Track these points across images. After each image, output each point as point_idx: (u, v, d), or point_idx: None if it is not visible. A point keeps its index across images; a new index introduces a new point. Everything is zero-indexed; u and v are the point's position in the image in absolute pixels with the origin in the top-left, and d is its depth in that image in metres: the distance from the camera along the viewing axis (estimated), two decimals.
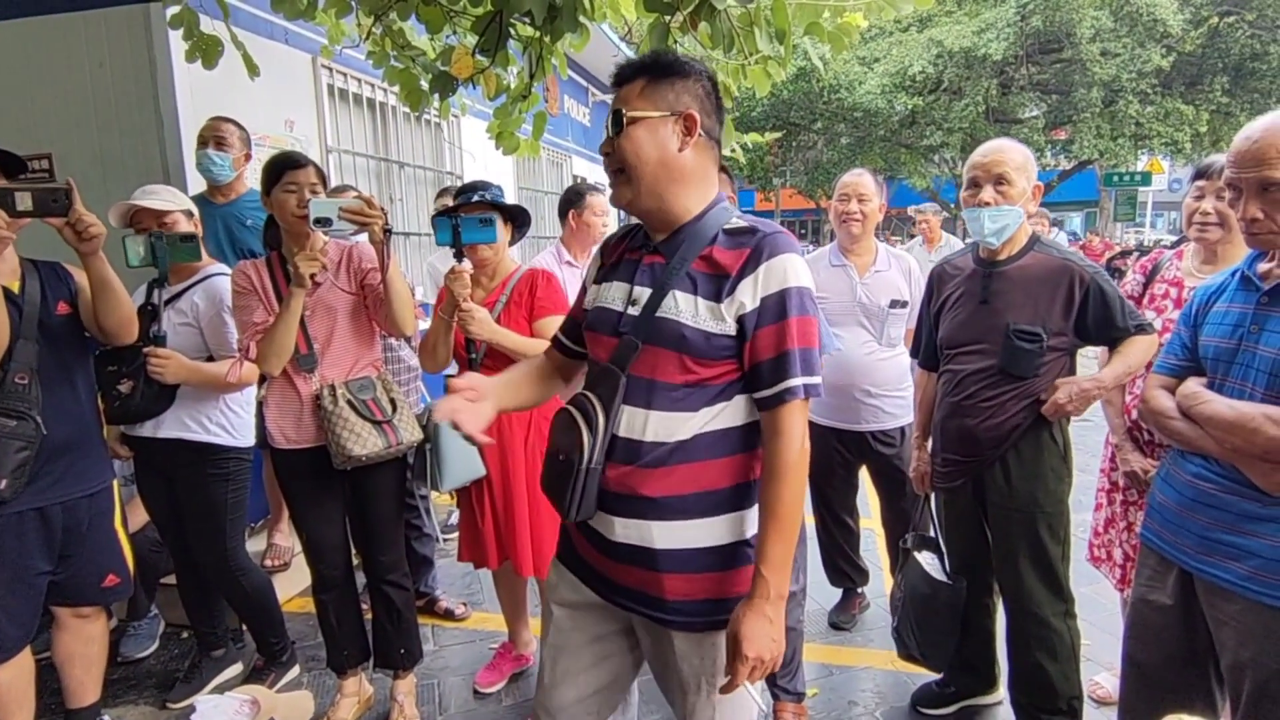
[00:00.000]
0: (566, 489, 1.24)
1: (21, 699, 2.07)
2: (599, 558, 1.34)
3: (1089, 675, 2.37)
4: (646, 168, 1.25)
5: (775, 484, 1.23)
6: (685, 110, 1.26)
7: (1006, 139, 2.10)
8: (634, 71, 1.29)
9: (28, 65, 3.19)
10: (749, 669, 1.20)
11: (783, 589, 1.23)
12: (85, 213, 1.82)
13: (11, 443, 1.87)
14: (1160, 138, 14.70)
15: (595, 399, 1.25)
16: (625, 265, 1.35)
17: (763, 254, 1.22)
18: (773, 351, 1.21)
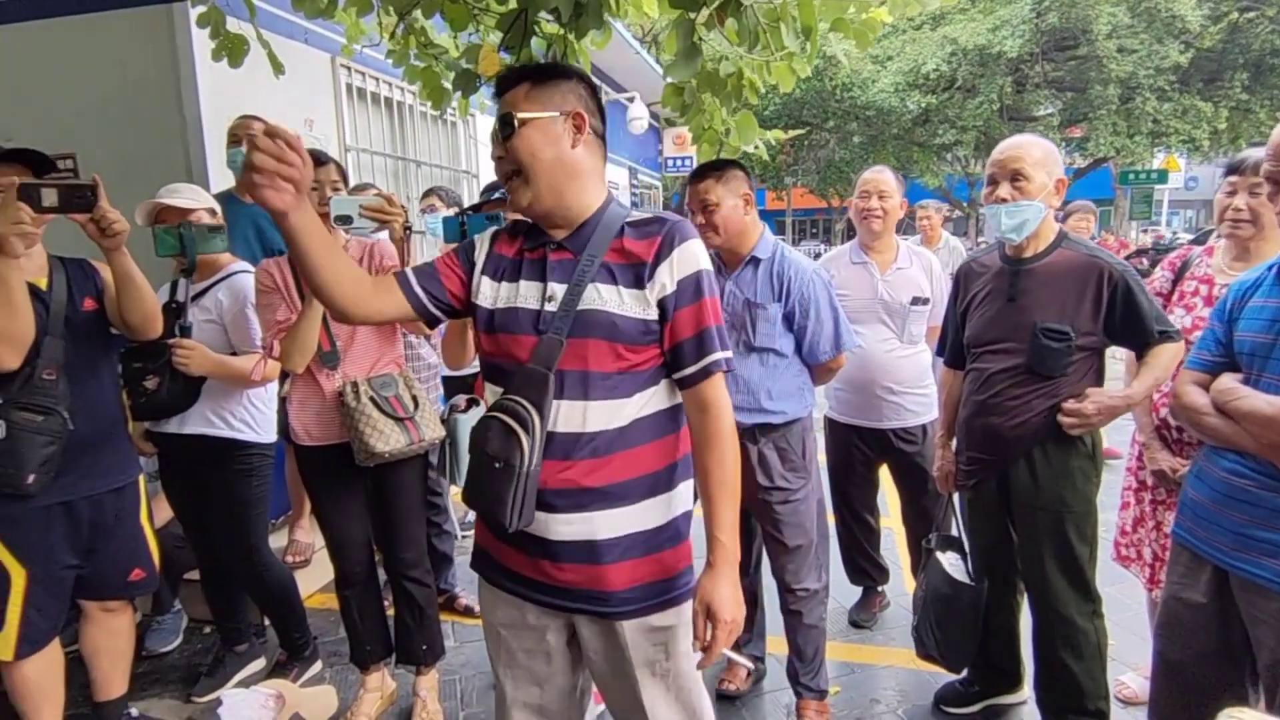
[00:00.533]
0: (507, 497, 1.22)
1: (51, 691, 2.09)
2: (536, 563, 1.33)
3: (1115, 675, 2.35)
4: (543, 166, 1.27)
5: (714, 452, 1.29)
6: (573, 109, 1.29)
7: (1028, 135, 2.08)
8: (516, 77, 1.31)
9: (52, 65, 3.23)
10: (727, 633, 1.25)
11: (738, 551, 1.31)
12: (109, 209, 1.83)
13: (38, 437, 1.88)
14: (1178, 135, 14.57)
15: (525, 402, 1.24)
16: (529, 265, 1.34)
17: (674, 240, 1.28)
18: (693, 330, 1.28)
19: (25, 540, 1.95)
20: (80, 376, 2.00)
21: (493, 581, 1.43)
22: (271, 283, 2.21)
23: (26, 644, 1.97)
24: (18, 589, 1.94)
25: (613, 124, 9.86)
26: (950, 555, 2.26)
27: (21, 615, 1.96)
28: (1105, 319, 1.96)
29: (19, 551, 1.94)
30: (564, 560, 1.31)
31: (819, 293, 2.17)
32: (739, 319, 2.18)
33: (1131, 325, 1.95)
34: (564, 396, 1.26)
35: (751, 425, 2.17)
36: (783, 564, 2.27)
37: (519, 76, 1.31)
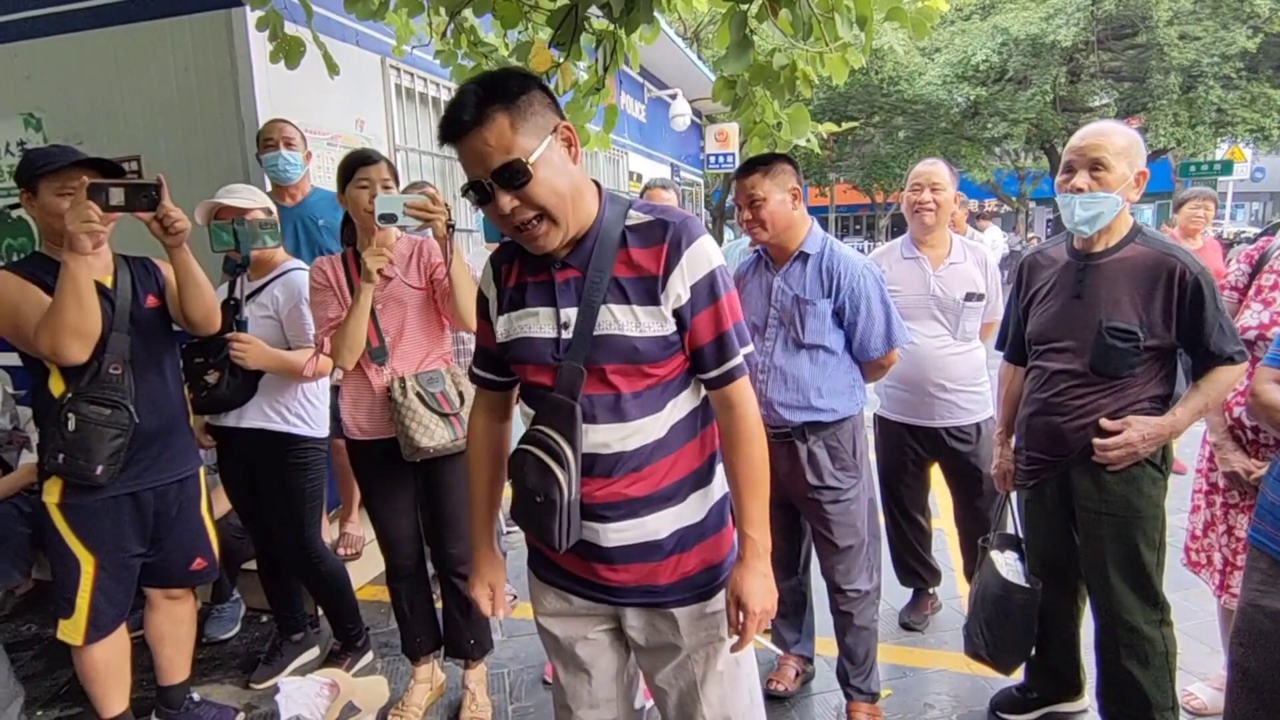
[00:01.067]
0: (552, 526, 1.23)
1: (119, 675, 2.17)
2: (591, 565, 1.34)
3: (1183, 685, 2.26)
4: (565, 202, 1.17)
5: (742, 449, 1.29)
6: (558, 123, 1.18)
7: (1112, 122, 1.97)
8: (481, 108, 1.11)
9: (118, 72, 3.35)
10: (757, 623, 1.27)
11: (768, 543, 1.31)
12: (172, 208, 1.89)
13: (107, 430, 1.95)
14: (1245, 124, 13.94)
15: (556, 434, 1.22)
16: (534, 289, 1.28)
17: (681, 243, 1.22)
18: (712, 334, 1.25)
19: (95, 530, 2.02)
20: (144, 371, 2.07)
21: (544, 579, 1.44)
22: (324, 280, 2.25)
23: (95, 629, 2.05)
24: (87, 576, 2.02)
25: (655, 120, 9.86)
26: (1008, 555, 2.20)
27: (90, 602, 2.03)
28: (1176, 321, 1.85)
29: (89, 540, 2.02)
30: (619, 562, 1.32)
31: (869, 288, 2.13)
32: (787, 315, 2.14)
33: (1192, 334, 1.83)
34: (598, 421, 1.24)
35: (801, 423, 2.13)
36: (833, 564, 2.23)
37: (484, 106, 1.11)
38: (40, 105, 3.51)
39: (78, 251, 1.81)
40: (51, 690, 2.66)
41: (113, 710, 2.16)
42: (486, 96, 1.12)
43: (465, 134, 1.13)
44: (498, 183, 1.13)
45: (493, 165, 1.12)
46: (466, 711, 2.39)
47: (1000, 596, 2.15)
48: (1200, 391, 1.87)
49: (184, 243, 1.96)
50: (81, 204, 1.77)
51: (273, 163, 2.99)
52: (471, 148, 1.13)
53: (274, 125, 3.02)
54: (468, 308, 2.18)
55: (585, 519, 1.29)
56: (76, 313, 1.84)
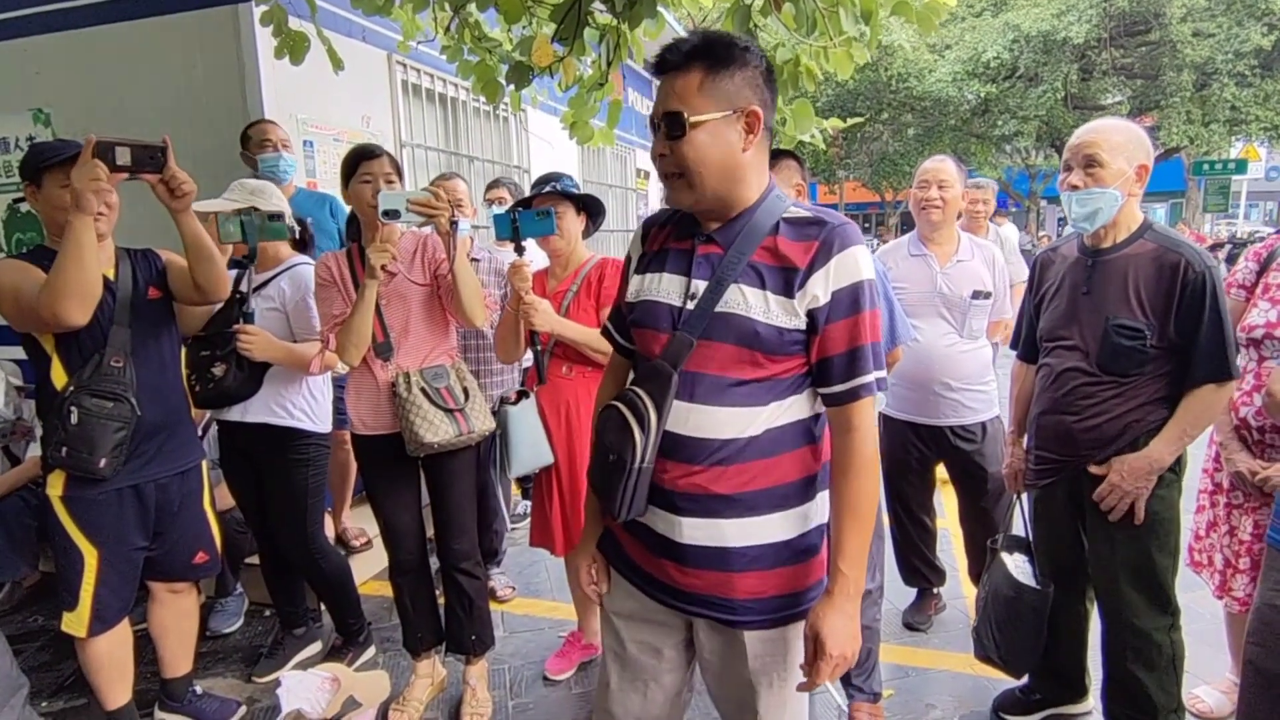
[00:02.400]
0: (618, 489, 1.21)
1: (122, 667, 2.18)
2: (661, 562, 1.29)
3: (1188, 688, 2.24)
4: (711, 173, 1.17)
5: (852, 479, 1.21)
6: (748, 106, 1.17)
7: (1111, 119, 1.96)
8: (688, 58, 1.16)
9: (125, 67, 3.36)
10: (832, 667, 1.18)
11: (861, 584, 1.22)
12: (178, 170, 1.88)
13: (110, 423, 1.96)
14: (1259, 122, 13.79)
15: (646, 396, 1.20)
16: (675, 255, 1.27)
17: (833, 246, 1.18)
18: (845, 346, 1.18)
19: (98, 522, 2.02)
20: (146, 363, 2.07)
21: (618, 569, 1.40)
22: (330, 276, 2.25)
23: (98, 622, 2.06)
24: (90, 569, 2.03)
25: None
26: (1017, 557, 2.18)
27: (94, 594, 2.04)
28: (1175, 316, 1.81)
29: (92, 533, 2.02)
30: (689, 564, 1.26)
31: None
32: None
33: (1188, 332, 1.79)
34: (695, 400, 1.21)
35: None
36: None
37: (690, 57, 1.16)
38: (49, 101, 3.52)
39: (83, 211, 1.78)
40: (56, 682, 2.68)
41: (116, 702, 2.18)
42: (697, 49, 1.16)
43: (665, 72, 1.19)
44: (664, 126, 1.17)
45: (666, 109, 1.17)
46: (467, 707, 2.39)
47: (1012, 598, 2.13)
48: (1177, 420, 1.83)
49: (189, 206, 1.95)
50: (88, 161, 1.76)
51: (274, 164, 3.01)
52: (664, 85, 1.19)
53: (269, 127, 3.03)
54: (471, 304, 2.18)
55: (661, 506, 1.25)
56: (77, 272, 1.81)
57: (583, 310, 2.31)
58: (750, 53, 1.18)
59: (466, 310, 2.17)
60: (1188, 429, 1.84)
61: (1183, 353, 1.83)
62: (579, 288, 2.34)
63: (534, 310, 2.16)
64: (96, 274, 1.88)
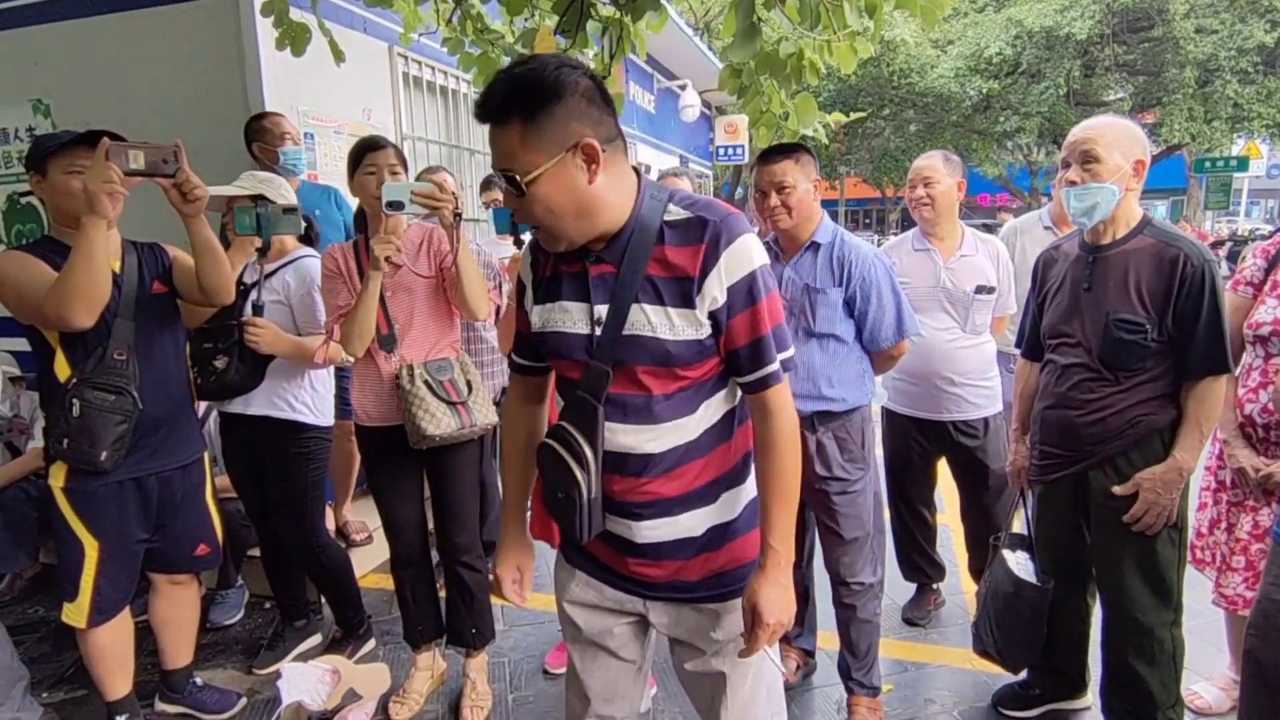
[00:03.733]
0: (574, 521, 1.23)
1: (123, 658, 2.18)
2: (622, 558, 1.32)
3: (1187, 684, 2.24)
4: (566, 215, 1.14)
5: (774, 458, 1.25)
6: (579, 140, 1.10)
7: (1107, 115, 1.97)
8: (502, 112, 1.10)
9: (125, 57, 3.34)
10: (769, 634, 1.24)
11: (791, 556, 1.27)
12: (191, 174, 1.87)
13: (112, 416, 1.95)
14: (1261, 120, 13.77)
15: (577, 433, 1.21)
16: (569, 280, 1.25)
17: (720, 243, 1.16)
18: (748, 338, 1.20)
19: (99, 514, 2.02)
20: (150, 357, 2.06)
21: (573, 563, 1.43)
22: (335, 268, 2.25)
23: (98, 613, 2.06)
24: (91, 561, 2.03)
25: (664, 111, 9.81)
26: (1019, 554, 2.18)
27: (94, 586, 2.04)
28: (1174, 310, 1.81)
29: (93, 525, 2.02)
30: (652, 557, 1.30)
31: (880, 277, 2.11)
32: (798, 304, 2.13)
33: (1187, 325, 1.79)
34: (628, 421, 1.22)
35: (810, 413, 2.12)
36: (837, 557, 2.22)
37: (504, 110, 1.10)
38: (49, 91, 3.51)
39: (98, 214, 1.78)
40: (57, 672, 2.68)
41: (117, 693, 2.18)
42: (509, 98, 1.09)
43: (486, 123, 1.14)
44: (506, 184, 1.15)
45: (499, 166, 1.14)
46: (467, 700, 2.40)
47: (1011, 594, 2.13)
48: (1191, 421, 1.83)
49: (201, 211, 1.95)
50: (102, 164, 1.76)
51: (296, 157, 3.01)
52: (490, 138, 1.15)
53: (283, 119, 3.02)
54: (474, 297, 2.17)
55: (618, 515, 1.28)
56: (88, 276, 1.81)
57: None
58: (562, 82, 1.08)
59: (469, 303, 2.17)
60: (1203, 427, 1.84)
61: (1180, 346, 1.84)
62: None
63: None
64: (107, 278, 1.88)
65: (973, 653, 2.33)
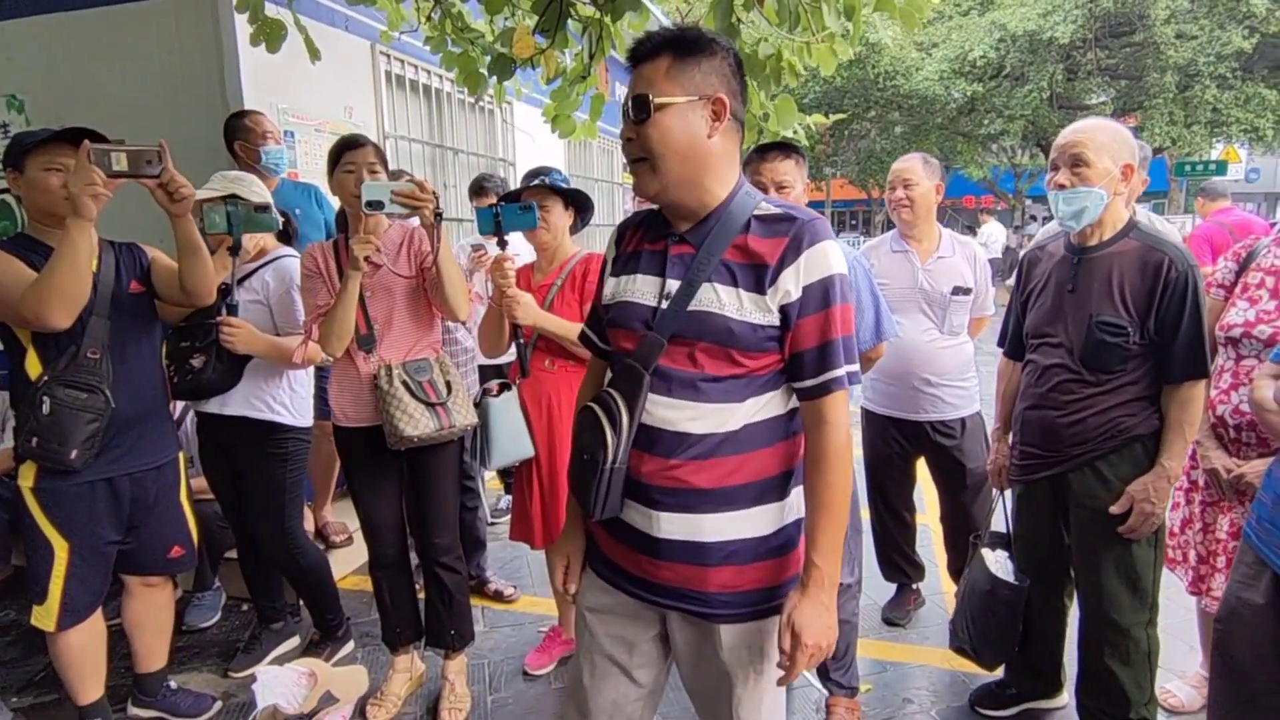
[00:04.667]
0: (591, 488, 1.22)
1: (94, 661, 2.15)
2: (637, 557, 1.30)
3: (1160, 683, 2.27)
4: (675, 157, 1.18)
5: (825, 472, 1.22)
6: (714, 94, 1.18)
7: (1097, 119, 1.98)
8: (656, 47, 1.19)
9: (100, 54, 3.30)
10: (808, 657, 1.19)
11: (835, 576, 1.23)
12: (176, 174, 1.86)
13: (82, 415, 1.93)
14: (1240, 124, 13.93)
15: (619, 396, 1.21)
16: (648, 256, 1.28)
17: (803, 241, 1.18)
18: (817, 340, 1.20)
19: (69, 515, 1.99)
20: (124, 356, 2.04)
21: (592, 567, 1.41)
22: (315, 267, 2.23)
23: (68, 615, 2.03)
24: (60, 562, 2.00)
25: None
26: (998, 553, 2.20)
27: (63, 588, 2.01)
28: (1156, 314, 1.83)
29: (63, 525, 1.99)
30: (665, 558, 1.26)
31: (859, 280, 2.13)
32: None
33: (1169, 330, 1.81)
34: (673, 395, 1.21)
35: None
36: None
37: (659, 46, 1.19)
38: (23, 87, 3.45)
39: (82, 216, 1.77)
40: (26, 677, 2.64)
41: (88, 697, 2.15)
42: (667, 40, 1.19)
43: (636, 63, 1.21)
44: (630, 110, 1.19)
45: (633, 94, 1.19)
46: (445, 702, 2.38)
47: (987, 592, 2.15)
48: (1176, 427, 1.86)
49: (188, 211, 1.93)
50: (85, 167, 1.74)
51: (278, 156, 2.98)
52: (634, 74, 1.21)
53: (264, 118, 2.99)
54: (455, 297, 2.16)
55: (638, 500, 1.25)
56: (70, 278, 1.80)
57: (567, 305, 2.31)
58: (719, 45, 1.20)
59: (450, 303, 2.16)
60: (1186, 431, 1.87)
61: (1161, 350, 1.86)
62: (563, 282, 2.33)
63: (516, 304, 2.16)
64: (87, 281, 1.87)
65: (951, 653, 2.35)
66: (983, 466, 2.57)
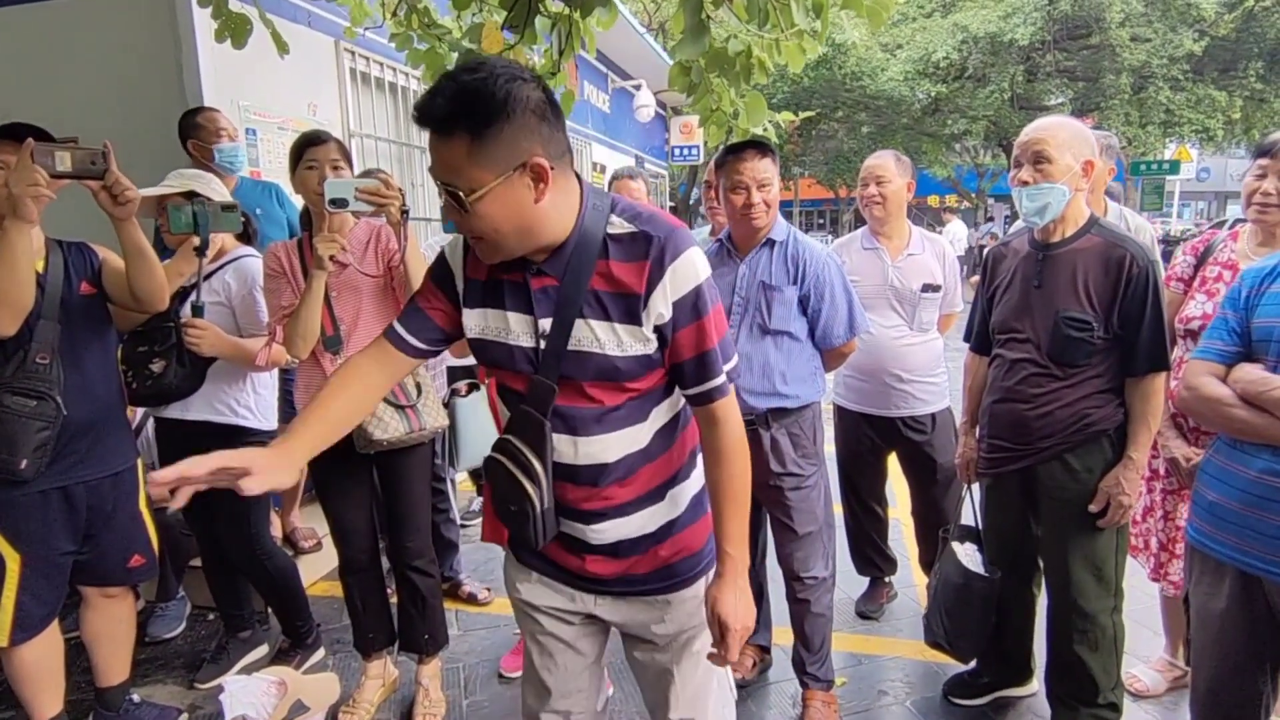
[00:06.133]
0: (528, 532, 1.23)
1: (50, 676, 2.08)
2: (570, 556, 1.33)
3: (1126, 668, 2.31)
4: (509, 232, 1.10)
5: (725, 466, 1.26)
6: (528, 159, 1.06)
7: (1058, 116, 2.00)
8: (448, 124, 1.04)
9: (54, 48, 3.20)
10: (738, 640, 1.24)
11: (746, 561, 1.28)
12: (121, 176, 1.80)
13: (32, 423, 1.86)
14: (1191, 125, 14.38)
15: (526, 448, 1.19)
16: (511, 290, 1.21)
17: (664, 260, 1.15)
18: (693, 352, 1.20)
19: (21, 526, 1.92)
20: (75, 361, 1.97)
21: (524, 562, 1.40)
22: (279, 267, 2.18)
23: (21, 630, 1.96)
24: (12, 574, 1.93)
25: (619, 111, 9.80)
26: (967, 546, 2.23)
27: (16, 601, 1.94)
28: (1119, 309, 1.88)
29: (14, 537, 1.92)
30: (606, 556, 1.31)
31: (833, 276, 2.14)
32: (753, 301, 2.15)
33: (1132, 324, 1.86)
34: (578, 434, 1.21)
35: (765, 410, 2.14)
36: (791, 551, 2.24)
37: (450, 122, 1.04)
38: None
39: (22, 218, 1.72)
40: None
41: (45, 713, 2.07)
42: (457, 111, 1.04)
43: (430, 131, 1.07)
44: (450, 200, 1.10)
45: (441, 179, 1.09)
46: (420, 708, 2.35)
47: (960, 585, 2.18)
48: (1141, 419, 1.90)
49: (133, 214, 1.87)
50: (28, 167, 1.68)
51: (233, 154, 2.90)
52: (431, 147, 1.09)
53: (219, 115, 2.92)
54: None
55: (572, 519, 1.27)
56: (11, 284, 1.75)
57: None
58: (514, 96, 1.04)
59: None
60: (1151, 422, 1.91)
61: (1124, 344, 1.90)
62: None
63: None
64: (30, 285, 1.81)
65: (924, 644, 2.37)
66: (953, 461, 2.60)
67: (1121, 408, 1.95)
